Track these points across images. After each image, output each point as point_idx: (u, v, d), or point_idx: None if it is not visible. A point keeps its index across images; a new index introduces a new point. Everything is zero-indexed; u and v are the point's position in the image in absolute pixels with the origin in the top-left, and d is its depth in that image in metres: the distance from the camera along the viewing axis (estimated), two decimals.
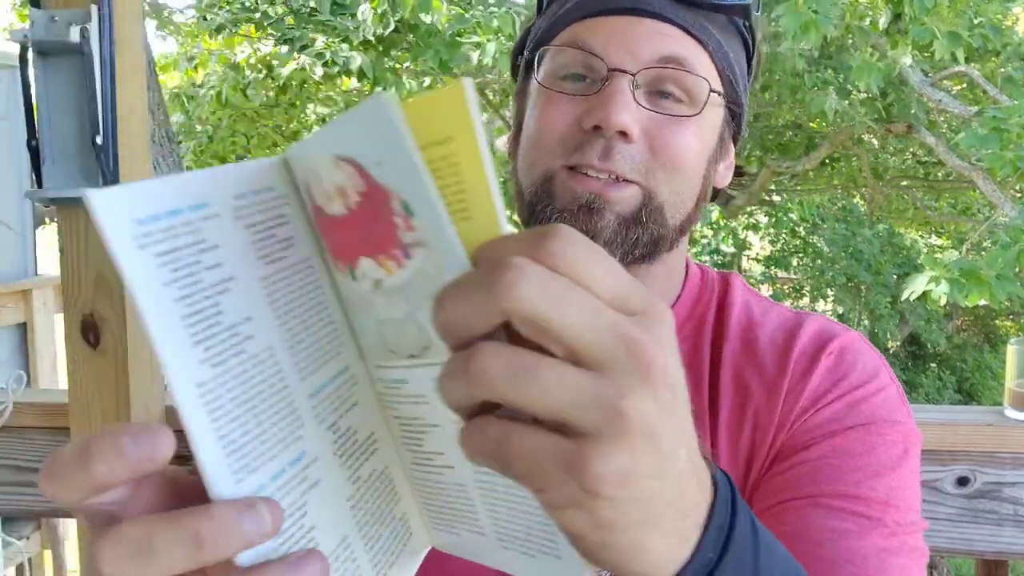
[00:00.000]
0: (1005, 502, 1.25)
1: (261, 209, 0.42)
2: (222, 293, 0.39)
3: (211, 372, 0.38)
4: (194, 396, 0.38)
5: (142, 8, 1.43)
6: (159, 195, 0.37)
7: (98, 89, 1.26)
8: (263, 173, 0.42)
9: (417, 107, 0.35)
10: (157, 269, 0.37)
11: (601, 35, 0.72)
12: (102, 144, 1.26)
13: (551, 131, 0.73)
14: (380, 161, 0.36)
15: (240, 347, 0.40)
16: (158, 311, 0.36)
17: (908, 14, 4.77)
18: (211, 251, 0.39)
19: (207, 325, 0.38)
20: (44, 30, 1.25)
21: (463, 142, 0.36)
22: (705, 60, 0.73)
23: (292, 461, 0.41)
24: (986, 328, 10.24)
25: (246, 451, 0.39)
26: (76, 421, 1.35)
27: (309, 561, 0.38)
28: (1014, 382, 1.29)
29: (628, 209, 0.72)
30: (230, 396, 0.39)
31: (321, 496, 0.43)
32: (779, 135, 7.72)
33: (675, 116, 0.72)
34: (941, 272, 4.52)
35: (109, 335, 1.33)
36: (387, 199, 0.37)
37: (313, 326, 0.43)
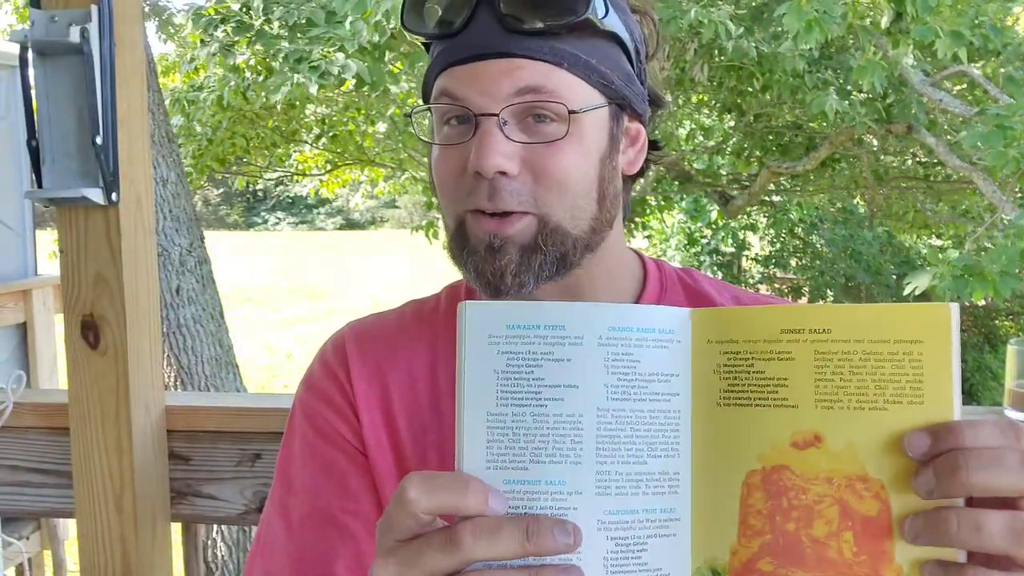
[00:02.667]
0: None
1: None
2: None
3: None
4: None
5: (142, 8, 1.44)
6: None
7: (98, 89, 1.26)
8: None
9: (892, 311, 0.49)
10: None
11: (462, 82, 0.76)
12: (102, 144, 1.26)
13: (447, 181, 0.79)
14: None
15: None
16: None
17: (910, 13, 4.76)
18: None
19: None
20: (44, 30, 1.25)
21: (936, 347, 0.47)
22: (564, 76, 0.77)
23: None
24: (986, 328, 10.24)
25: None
26: (76, 421, 1.35)
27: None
28: (1014, 382, 1.29)
29: (527, 239, 0.77)
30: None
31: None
32: (779, 136, 7.72)
33: (549, 142, 0.76)
34: (945, 269, 4.51)
35: (109, 335, 1.33)
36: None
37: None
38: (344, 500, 0.83)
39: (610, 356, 0.53)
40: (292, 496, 0.86)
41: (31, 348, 3.77)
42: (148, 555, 1.37)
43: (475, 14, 0.76)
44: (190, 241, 3.86)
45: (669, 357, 0.54)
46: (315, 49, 5.45)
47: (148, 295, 1.38)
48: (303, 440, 0.87)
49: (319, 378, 0.88)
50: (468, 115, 0.76)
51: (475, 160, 0.75)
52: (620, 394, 0.53)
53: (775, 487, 0.50)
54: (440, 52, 0.79)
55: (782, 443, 0.50)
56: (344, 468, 0.84)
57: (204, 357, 3.84)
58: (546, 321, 0.53)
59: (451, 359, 0.84)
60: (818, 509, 0.49)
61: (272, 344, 10.98)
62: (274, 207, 38.00)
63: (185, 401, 1.49)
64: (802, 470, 0.49)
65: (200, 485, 1.43)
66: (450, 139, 0.79)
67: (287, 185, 27.77)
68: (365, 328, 0.90)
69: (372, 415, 0.84)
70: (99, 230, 1.32)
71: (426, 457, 0.83)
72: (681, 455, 0.54)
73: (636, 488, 0.53)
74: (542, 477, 0.52)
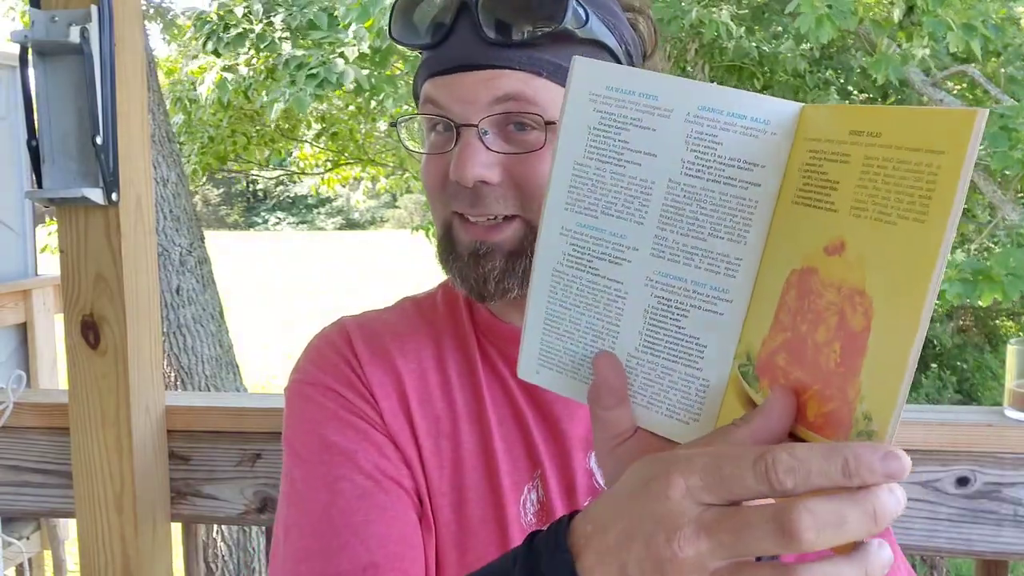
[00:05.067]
0: (1005, 502, 1.25)
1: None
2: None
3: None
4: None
5: (142, 8, 1.43)
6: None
7: (98, 89, 1.26)
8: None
9: (929, 115, 0.46)
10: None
11: (445, 92, 0.79)
12: (102, 144, 1.26)
13: (433, 187, 0.82)
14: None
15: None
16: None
17: (921, 7, 4.76)
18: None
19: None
20: (44, 30, 1.25)
21: (952, 159, 0.43)
22: (544, 84, 0.78)
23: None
24: (986, 328, 10.23)
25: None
26: (76, 421, 1.35)
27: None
28: (1014, 382, 1.29)
29: (512, 244, 0.79)
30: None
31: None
32: None
33: (529, 152, 0.78)
34: (953, 272, 4.51)
35: (109, 335, 1.33)
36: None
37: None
38: (387, 468, 0.81)
39: (693, 134, 0.55)
40: (331, 463, 0.81)
41: (31, 348, 3.76)
42: (148, 555, 1.37)
43: (455, 26, 0.78)
44: (190, 241, 3.86)
45: (756, 147, 0.54)
46: (315, 54, 5.43)
47: (148, 295, 1.38)
48: (323, 412, 0.83)
49: (330, 363, 0.86)
50: (450, 124, 0.78)
51: (455, 170, 0.77)
52: (694, 171, 0.55)
53: (804, 288, 0.51)
54: (425, 60, 0.82)
55: (819, 246, 0.50)
56: (380, 440, 0.82)
57: (204, 357, 3.84)
58: (642, 89, 0.55)
59: (458, 354, 0.87)
60: (825, 316, 0.49)
61: (272, 344, 10.99)
62: (274, 207, 38.00)
63: (185, 401, 1.49)
64: (825, 275, 0.49)
65: (200, 485, 1.43)
66: (436, 147, 0.81)
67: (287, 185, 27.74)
68: (366, 321, 0.90)
69: (390, 401, 0.84)
70: (99, 230, 1.31)
71: (439, 447, 0.83)
72: (748, 244, 0.55)
73: (690, 260, 0.56)
74: (607, 228, 0.58)
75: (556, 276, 0.60)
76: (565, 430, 0.84)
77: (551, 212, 0.59)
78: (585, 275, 0.59)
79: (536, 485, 0.83)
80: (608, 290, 0.58)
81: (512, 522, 0.82)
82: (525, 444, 0.84)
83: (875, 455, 0.44)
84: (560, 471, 0.84)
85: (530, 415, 0.85)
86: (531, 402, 0.85)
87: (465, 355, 0.87)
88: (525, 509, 0.83)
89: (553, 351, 0.62)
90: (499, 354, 0.87)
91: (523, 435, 0.84)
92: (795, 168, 0.53)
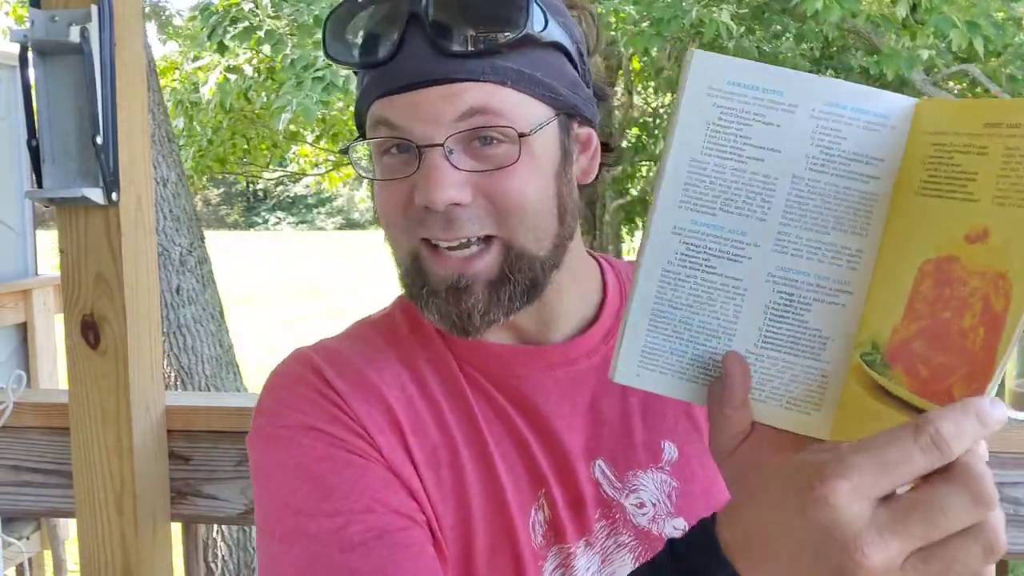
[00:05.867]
0: (1005, 502, 1.25)
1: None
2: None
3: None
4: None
5: (142, 8, 1.43)
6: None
7: (98, 89, 1.26)
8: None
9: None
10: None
11: (401, 112, 0.72)
12: (102, 144, 1.26)
13: (393, 215, 0.75)
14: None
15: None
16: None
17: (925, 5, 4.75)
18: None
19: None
20: (44, 30, 1.25)
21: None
22: (510, 95, 0.73)
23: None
24: None
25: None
26: (76, 421, 1.35)
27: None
28: (1014, 382, 1.29)
29: (493, 272, 0.74)
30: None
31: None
32: None
33: (501, 168, 0.72)
34: None
35: (109, 335, 1.33)
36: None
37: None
38: (399, 504, 0.73)
39: (818, 129, 0.55)
40: (335, 509, 0.72)
41: (31, 348, 3.76)
42: (148, 555, 1.37)
43: (405, 39, 0.72)
44: (190, 241, 3.85)
45: (878, 141, 0.55)
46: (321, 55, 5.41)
47: (148, 295, 1.37)
48: (312, 455, 0.74)
49: (306, 399, 0.77)
50: (410, 145, 0.72)
51: (423, 195, 0.71)
52: (819, 167, 0.56)
53: (943, 276, 0.52)
54: (372, 80, 0.74)
55: (958, 235, 0.51)
56: (385, 475, 0.74)
57: (204, 357, 3.84)
58: (766, 84, 0.55)
59: (439, 377, 0.81)
60: (970, 302, 0.50)
61: (272, 344, 10.98)
62: (274, 207, 38.00)
63: (185, 401, 1.49)
64: (968, 263, 0.51)
65: (200, 485, 1.43)
66: (393, 171, 0.74)
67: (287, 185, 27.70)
68: (332, 349, 0.82)
69: (385, 436, 0.76)
70: (99, 230, 1.31)
71: (440, 478, 0.78)
72: (869, 236, 0.56)
73: (813, 254, 0.57)
74: (726, 225, 0.57)
75: (666, 276, 0.60)
76: (565, 442, 0.80)
77: (663, 211, 0.58)
78: (700, 274, 0.59)
79: (542, 505, 0.79)
80: (726, 288, 0.58)
81: (524, 547, 0.77)
82: (526, 464, 0.80)
83: (990, 405, 0.47)
84: (565, 486, 0.80)
85: (528, 432, 0.80)
86: (527, 418, 0.81)
87: (448, 376, 0.81)
88: (534, 531, 0.79)
89: (658, 352, 0.61)
90: (482, 373, 0.81)
91: (523, 454, 0.80)
92: (916, 161, 0.54)
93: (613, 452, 0.82)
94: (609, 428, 0.82)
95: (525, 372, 0.81)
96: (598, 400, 0.83)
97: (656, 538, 0.80)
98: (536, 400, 0.81)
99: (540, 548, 0.78)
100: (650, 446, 0.83)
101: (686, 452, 0.83)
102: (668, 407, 0.84)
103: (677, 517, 0.81)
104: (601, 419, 0.82)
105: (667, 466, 0.82)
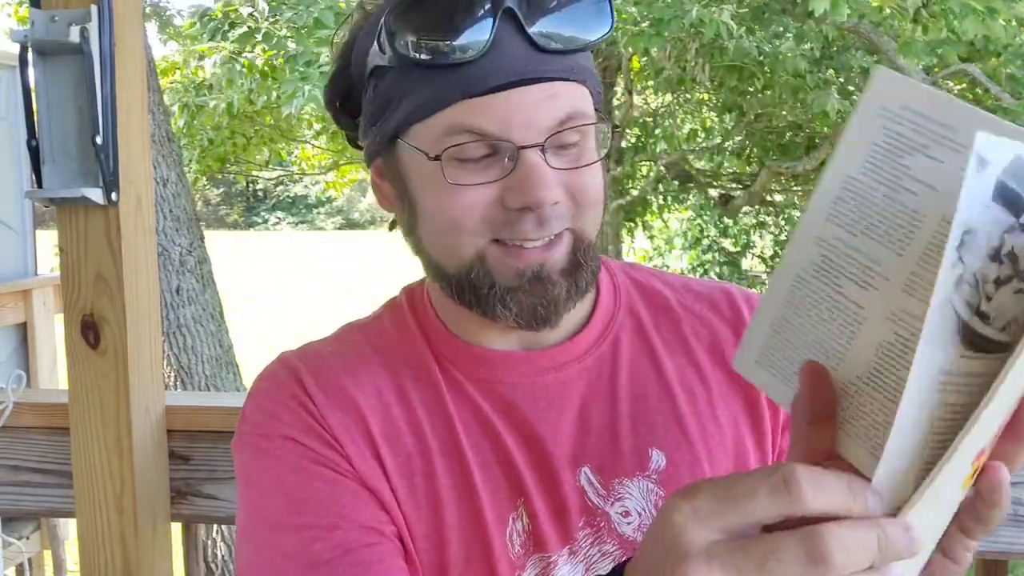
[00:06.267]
0: None
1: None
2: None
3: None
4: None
5: (142, 8, 1.43)
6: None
7: (98, 89, 1.26)
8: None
9: None
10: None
11: (496, 113, 0.69)
12: (102, 144, 1.26)
13: (471, 216, 0.72)
14: None
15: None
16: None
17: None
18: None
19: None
20: (44, 30, 1.25)
21: None
22: (586, 93, 0.75)
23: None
24: None
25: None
26: (76, 421, 1.35)
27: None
28: None
29: (566, 260, 0.75)
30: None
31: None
32: (780, 135, 7.72)
33: (586, 166, 0.74)
34: None
35: (109, 335, 1.33)
36: None
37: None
38: (366, 518, 0.75)
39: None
40: (302, 524, 0.74)
41: (31, 348, 3.76)
42: (148, 555, 1.37)
43: (498, 34, 0.68)
44: (190, 241, 3.86)
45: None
46: (324, 52, 5.40)
47: (148, 295, 1.37)
48: (284, 466, 0.76)
49: (282, 408, 0.78)
50: (502, 148, 0.71)
51: (525, 196, 0.70)
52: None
53: None
54: (452, 79, 0.70)
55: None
56: (354, 488, 0.76)
57: (204, 357, 3.84)
58: (941, 117, 0.51)
59: (420, 383, 0.80)
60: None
61: (272, 344, 10.99)
62: (274, 207, 38.02)
63: (185, 401, 1.49)
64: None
65: (200, 485, 1.43)
66: (480, 175, 0.71)
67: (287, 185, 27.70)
68: (313, 355, 0.82)
69: (356, 445, 0.77)
70: (99, 230, 1.31)
71: (414, 487, 0.77)
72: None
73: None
74: (863, 248, 0.54)
75: (798, 282, 0.58)
76: (549, 450, 0.79)
77: (811, 219, 0.56)
78: (828, 289, 0.56)
79: (520, 514, 0.78)
80: (847, 311, 0.55)
81: (500, 557, 0.77)
82: (506, 472, 0.79)
83: (865, 491, 0.45)
84: (547, 494, 0.79)
85: (509, 439, 0.79)
86: (511, 425, 0.80)
87: (429, 383, 0.80)
88: (512, 541, 0.78)
89: (775, 353, 0.60)
90: (468, 377, 0.81)
91: (502, 462, 0.79)
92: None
93: (600, 459, 0.80)
94: (597, 435, 0.81)
95: (513, 378, 0.81)
96: (587, 406, 0.82)
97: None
98: (522, 407, 0.80)
99: (518, 558, 0.78)
100: (638, 453, 0.81)
101: (675, 461, 0.82)
102: (658, 415, 0.83)
103: None
104: (589, 426, 0.81)
105: (654, 474, 0.81)
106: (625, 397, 0.82)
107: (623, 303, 0.87)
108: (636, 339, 0.86)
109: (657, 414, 0.82)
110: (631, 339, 0.85)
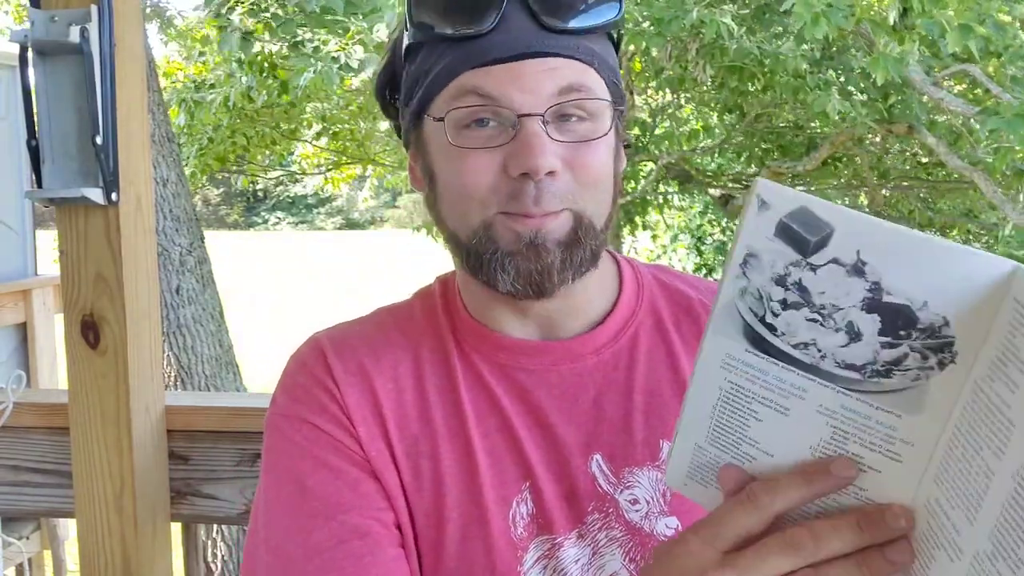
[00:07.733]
0: None
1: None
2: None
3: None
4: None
5: (142, 8, 1.43)
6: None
7: (98, 89, 1.26)
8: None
9: None
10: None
11: (500, 81, 0.74)
12: (102, 144, 1.26)
13: (478, 184, 0.76)
14: None
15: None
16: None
17: (916, 8, 4.73)
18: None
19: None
20: (44, 30, 1.25)
21: None
22: (595, 77, 0.77)
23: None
24: None
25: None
26: (76, 421, 1.35)
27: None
28: None
29: (565, 234, 0.76)
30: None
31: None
32: (780, 136, 7.72)
33: (587, 141, 0.76)
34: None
35: (109, 335, 1.33)
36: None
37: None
38: (363, 509, 0.79)
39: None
40: (306, 511, 0.79)
41: (31, 348, 3.77)
42: (148, 555, 1.37)
43: (506, 12, 0.74)
44: (190, 241, 3.86)
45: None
46: (332, 40, 5.38)
47: (148, 295, 1.37)
48: (297, 450, 0.81)
49: (304, 390, 0.83)
50: (504, 115, 0.74)
51: (523, 162, 0.73)
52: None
53: None
54: (464, 51, 0.75)
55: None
56: (357, 476, 0.80)
57: (204, 357, 3.84)
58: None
59: (438, 368, 0.84)
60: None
61: (272, 344, 10.98)
62: (274, 207, 38.04)
63: (185, 401, 1.49)
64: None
65: (200, 485, 1.43)
66: (485, 141, 0.75)
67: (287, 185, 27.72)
68: (341, 335, 0.87)
69: (367, 426, 0.81)
70: (99, 230, 1.31)
71: (419, 468, 0.81)
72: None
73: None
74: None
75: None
76: (561, 436, 0.82)
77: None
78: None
79: (525, 497, 0.81)
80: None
81: (498, 537, 0.80)
82: (514, 457, 0.81)
83: (822, 467, 0.56)
84: (557, 478, 0.81)
85: (519, 424, 0.82)
86: (524, 412, 0.82)
87: (446, 369, 0.84)
88: (515, 523, 0.81)
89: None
90: (485, 362, 0.84)
91: (511, 446, 0.82)
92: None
93: (612, 448, 0.83)
94: (610, 424, 0.83)
95: (530, 365, 0.83)
96: (602, 396, 0.84)
97: (647, 535, 0.82)
98: (537, 393, 0.83)
99: (521, 539, 0.80)
100: (649, 444, 0.83)
101: None
102: (671, 409, 0.85)
103: (670, 516, 0.82)
104: (603, 415, 0.83)
105: (663, 465, 0.83)
106: (640, 391, 0.84)
107: (645, 300, 0.89)
108: (655, 335, 0.88)
109: (671, 408, 0.85)
110: (650, 335, 0.87)
